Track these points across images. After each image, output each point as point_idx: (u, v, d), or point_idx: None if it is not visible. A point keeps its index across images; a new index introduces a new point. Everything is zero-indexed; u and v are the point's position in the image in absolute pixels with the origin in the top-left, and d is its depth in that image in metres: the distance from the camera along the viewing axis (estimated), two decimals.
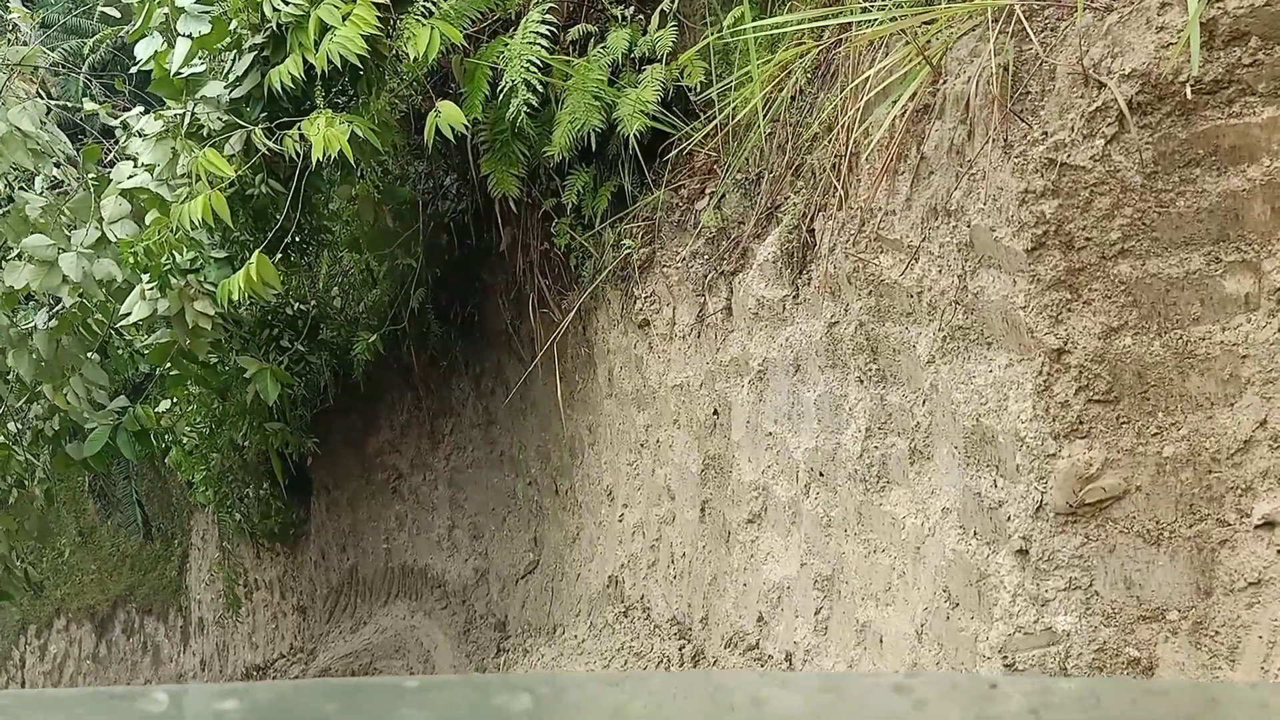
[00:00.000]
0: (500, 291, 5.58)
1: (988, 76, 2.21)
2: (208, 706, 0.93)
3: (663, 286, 4.01)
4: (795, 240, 3.07)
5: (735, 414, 3.43)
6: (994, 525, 2.16)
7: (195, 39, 4.20)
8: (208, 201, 4.10)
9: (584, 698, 0.95)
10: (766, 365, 3.22)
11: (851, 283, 2.60)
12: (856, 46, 2.75)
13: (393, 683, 1.18)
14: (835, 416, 2.78)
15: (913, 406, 2.46)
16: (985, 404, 2.17)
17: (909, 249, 2.39)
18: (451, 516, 6.68)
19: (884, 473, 2.58)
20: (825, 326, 2.78)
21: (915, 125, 2.50)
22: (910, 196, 2.41)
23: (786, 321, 3.12)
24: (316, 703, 0.94)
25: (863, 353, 2.62)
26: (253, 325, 5.08)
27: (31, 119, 4.43)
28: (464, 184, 5.56)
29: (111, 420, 4.80)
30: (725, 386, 3.51)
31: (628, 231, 4.24)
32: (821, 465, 2.86)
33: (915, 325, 2.41)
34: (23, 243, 4.37)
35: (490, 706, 0.89)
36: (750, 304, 3.29)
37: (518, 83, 3.92)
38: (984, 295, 2.16)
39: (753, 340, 3.30)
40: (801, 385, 3.02)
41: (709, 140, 4.03)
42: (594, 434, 4.93)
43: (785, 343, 3.10)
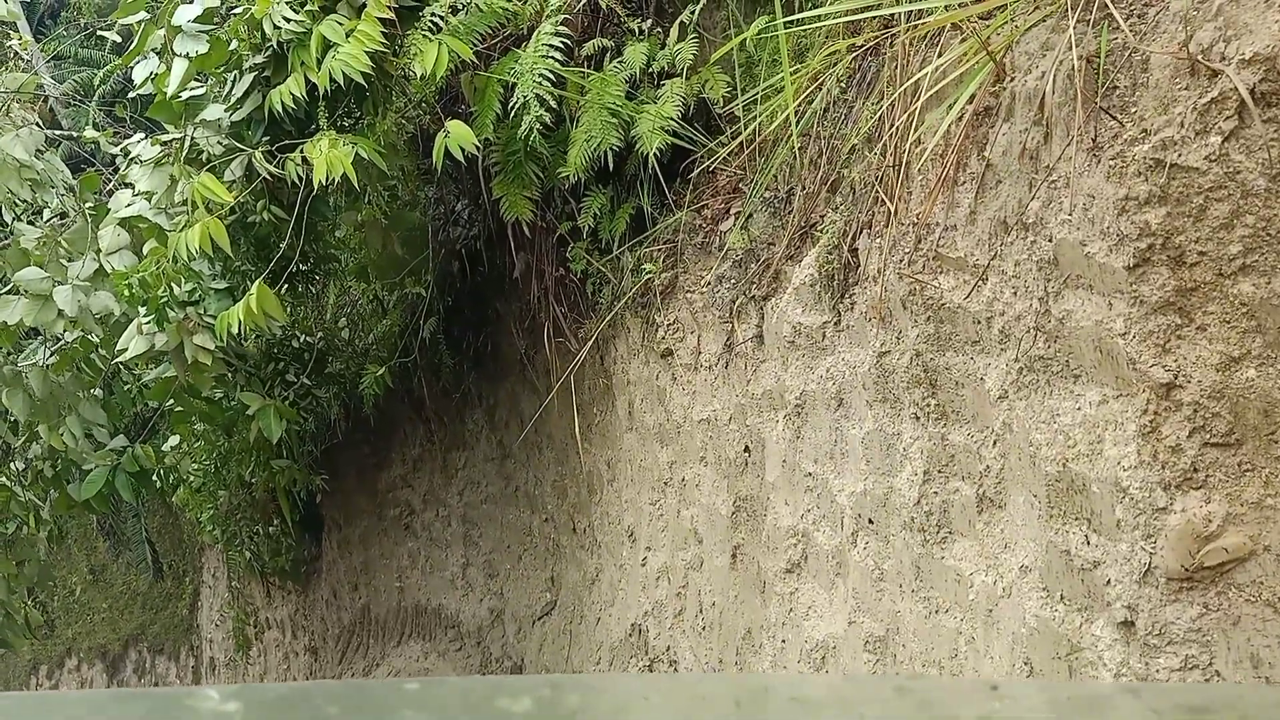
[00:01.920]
0: (514, 320, 5.28)
1: (1066, 71, 1.90)
2: (211, 708, 0.91)
3: (686, 313, 3.70)
4: (835, 261, 2.75)
5: (769, 452, 3.10)
6: (1088, 590, 1.82)
7: (193, 59, 3.94)
8: (206, 230, 3.83)
9: (583, 699, 0.92)
10: (805, 399, 2.89)
11: (906, 307, 2.28)
12: (905, 45, 2.44)
13: (393, 684, 1.16)
14: (887, 457, 2.45)
15: (980, 448, 2.12)
16: (1073, 447, 1.84)
17: (975, 268, 2.07)
18: (466, 554, 6.36)
19: (945, 522, 2.25)
20: (874, 356, 2.46)
21: (975, 130, 2.18)
22: (974, 209, 2.09)
23: (827, 351, 2.79)
24: (319, 704, 0.93)
25: (919, 386, 2.29)
26: (257, 359, 4.80)
27: (26, 147, 4.17)
28: (475, 208, 5.28)
29: (110, 461, 4.50)
30: (757, 421, 3.18)
31: (648, 255, 3.93)
32: (871, 511, 2.52)
33: (983, 355, 2.08)
34: (16, 276, 4.10)
35: (491, 708, 0.87)
36: (785, 331, 2.97)
37: (530, 99, 3.63)
38: (1071, 320, 1.83)
39: (788, 371, 2.97)
40: (845, 421, 2.69)
41: (733, 157, 3.74)
42: (613, 470, 4.60)
43: (826, 374, 2.77)
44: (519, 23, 4.12)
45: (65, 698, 1.33)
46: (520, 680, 1.19)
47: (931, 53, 2.40)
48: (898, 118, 2.43)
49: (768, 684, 1.25)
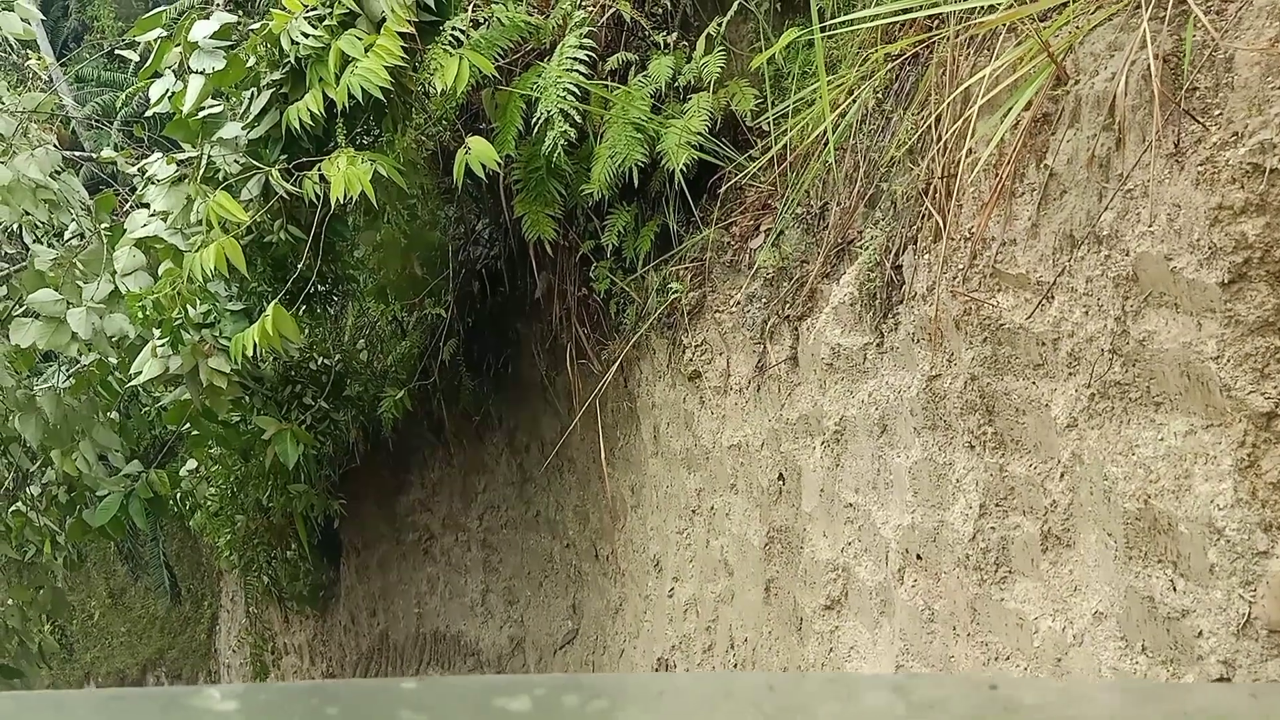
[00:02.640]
0: (535, 341, 5.13)
1: (1140, 71, 1.73)
2: (211, 707, 0.90)
3: (715, 334, 3.53)
4: (877, 279, 2.58)
5: (806, 480, 2.92)
6: (1175, 641, 1.63)
7: (210, 77, 3.82)
8: (221, 250, 3.70)
9: (580, 698, 0.91)
10: (844, 425, 2.72)
11: (960, 328, 2.11)
12: (954, 51, 2.28)
13: (391, 684, 1.13)
14: (937, 489, 2.27)
15: (1045, 480, 1.94)
16: (1156, 482, 1.65)
17: (1038, 285, 1.89)
18: (485, 580, 6.18)
19: (1005, 560, 2.06)
20: (923, 380, 2.28)
21: (1033, 138, 2.02)
22: (1036, 222, 1.91)
23: (869, 374, 2.62)
24: (317, 704, 0.92)
25: (974, 412, 2.11)
26: (274, 382, 4.66)
27: (41, 167, 4.07)
28: (496, 228, 5.14)
29: (123, 487, 4.37)
30: (793, 448, 3.00)
31: (674, 274, 3.77)
32: (919, 546, 2.34)
33: (1049, 380, 1.90)
34: (29, 298, 3.98)
35: (489, 707, 0.87)
36: (823, 353, 2.80)
37: (554, 113, 3.49)
38: (1153, 342, 1.65)
39: (826, 395, 2.80)
40: (890, 449, 2.51)
41: (763, 172, 3.58)
42: (637, 496, 4.43)
43: (868, 398, 2.60)
44: (541, 37, 3.99)
45: (65, 697, 1.31)
46: (518, 679, 1.17)
47: (982, 58, 2.23)
48: (946, 127, 2.26)
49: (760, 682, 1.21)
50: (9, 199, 3.95)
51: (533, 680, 1.10)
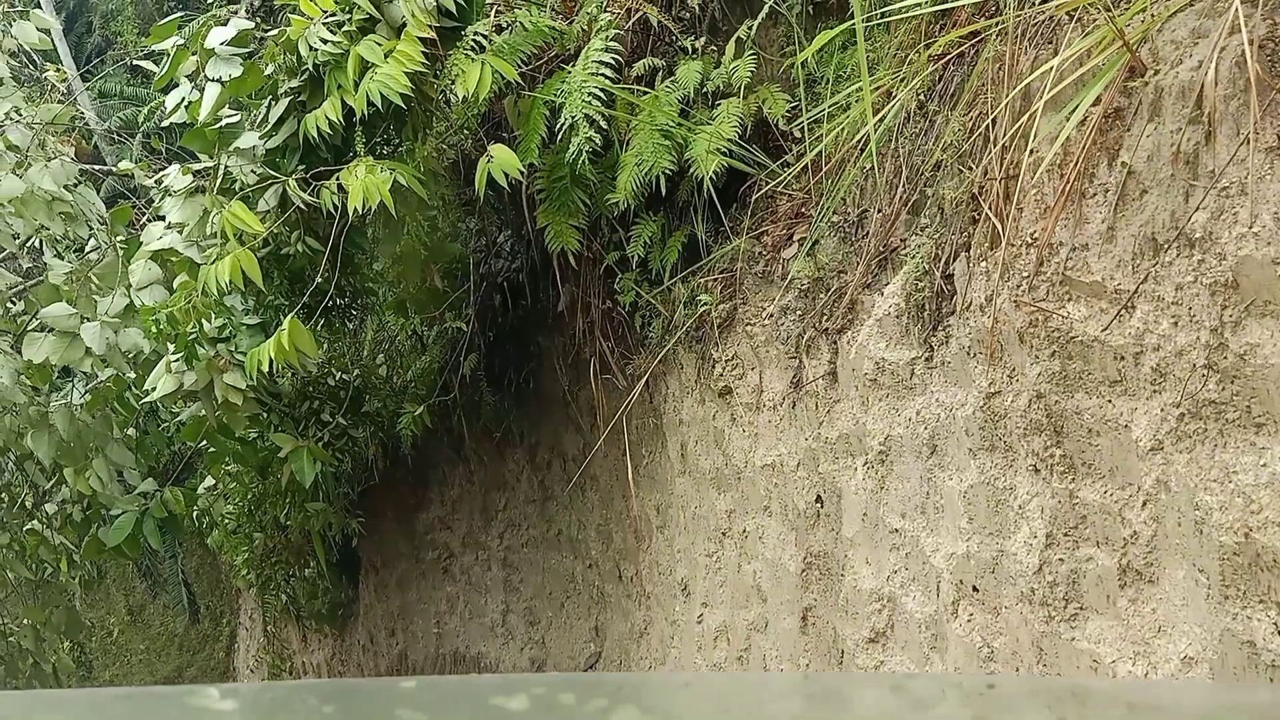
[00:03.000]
0: (557, 356, 4.97)
1: (1233, 58, 1.55)
2: (209, 706, 0.88)
3: (747, 348, 3.36)
4: (926, 289, 2.40)
5: (847, 503, 2.73)
6: None
7: (227, 84, 3.70)
8: (236, 262, 3.57)
9: (578, 696, 0.89)
10: (889, 444, 2.53)
11: (1024, 341, 1.92)
12: (1013, 46, 2.11)
13: (389, 683, 1.10)
14: (996, 515, 2.08)
15: (1123, 509, 1.75)
16: (1258, 512, 1.46)
17: (1116, 294, 1.71)
18: (506, 600, 6.01)
19: (1075, 595, 1.87)
20: (979, 397, 2.10)
21: (1103, 135, 1.84)
22: (1112, 225, 1.73)
23: (916, 390, 2.44)
24: (315, 704, 0.90)
25: (1040, 433, 1.93)
26: (291, 398, 4.52)
27: (56, 179, 3.95)
28: (518, 240, 5.00)
29: (137, 506, 4.23)
30: (832, 469, 2.82)
31: (703, 286, 3.60)
32: (975, 577, 2.15)
33: (1128, 398, 1.72)
34: (43, 312, 3.86)
35: (486, 706, 0.85)
36: (865, 368, 2.62)
37: (579, 119, 3.33)
38: (1256, 357, 1.47)
39: (869, 413, 2.62)
40: (940, 472, 2.33)
41: (796, 180, 3.41)
42: (663, 516, 4.25)
43: (916, 417, 2.42)
44: (565, 42, 3.84)
45: (65, 696, 1.30)
46: (515, 678, 1.09)
47: (1044, 51, 2.06)
48: (1004, 126, 2.09)
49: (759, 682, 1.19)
50: (22, 210, 3.84)
51: (530, 679, 1.06)
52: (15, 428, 3.94)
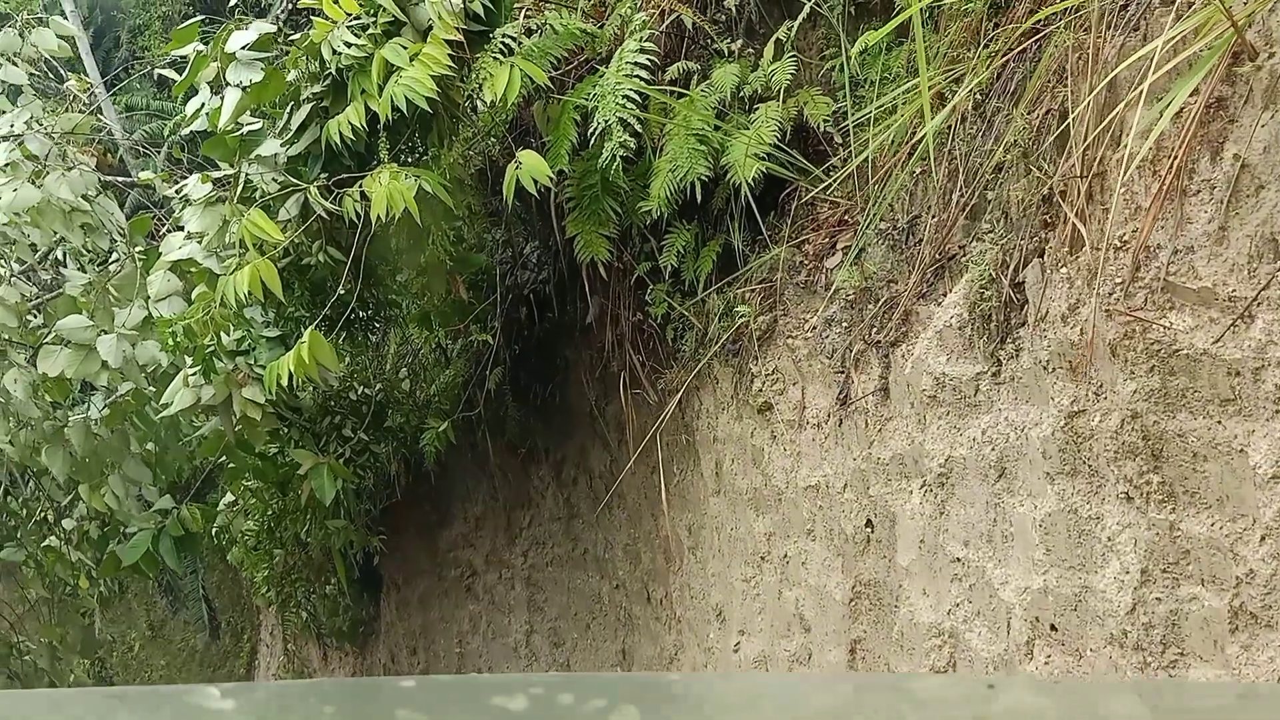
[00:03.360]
0: (585, 370, 4.79)
1: None
2: (209, 706, 0.87)
3: (788, 362, 3.16)
4: (992, 298, 2.20)
5: (901, 529, 2.53)
6: None
7: (248, 90, 3.55)
8: (256, 272, 3.41)
9: (577, 697, 0.88)
10: (950, 466, 2.33)
11: (1117, 354, 1.72)
12: (1096, 35, 1.91)
13: (390, 682, 1.13)
14: (1079, 547, 1.87)
15: (1236, 544, 1.54)
16: None
17: (1230, 302, 1.51)
18: (530, 620, 5.81)
19: (1175, 639, 1.66)
20: (1059, 416, 1.89)
21: (1204, 127, 1.64)
22: (1223, 224, 1.53)
23: (981, 408, 2.23)
24: (315, 703, 0.90)
25: (1134, 457, 1.72)
26: (312, 413, 4.35)
27: (74, 188, 3.81)
28: (545, 251, 4.82)
29: (154, 524, 4.07)
30: (884, 492, 2.61)
31: (740, 297, 3.41)
32: (1054, 615, 1.94)
33: (1244, 419, 1.51)
34: (58, 324, 3.71)
35: (486, 706, 0.84)
36: (924, 384, 2.41)
37: (613, 123, 3.16)
38: None
39: (927, 432, 2.41)
40: (1010, 497, 2.12)
41: (838, 186, 3.22)
42: (695, 537, 4.05)
43: (981, 437, 2.21)
44: (596, 46, 3.68)
45: (63, 696, 1.30)
46: (515, 678, 1.10)
47: (1132, 39, 1.87)
48: (1088, 121, 1.89)
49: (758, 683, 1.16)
50: (39, 220, 3.70)
51: (530, 679, 1.05)
52: (30, 443, 3.80)
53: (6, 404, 3.62)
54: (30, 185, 3.63)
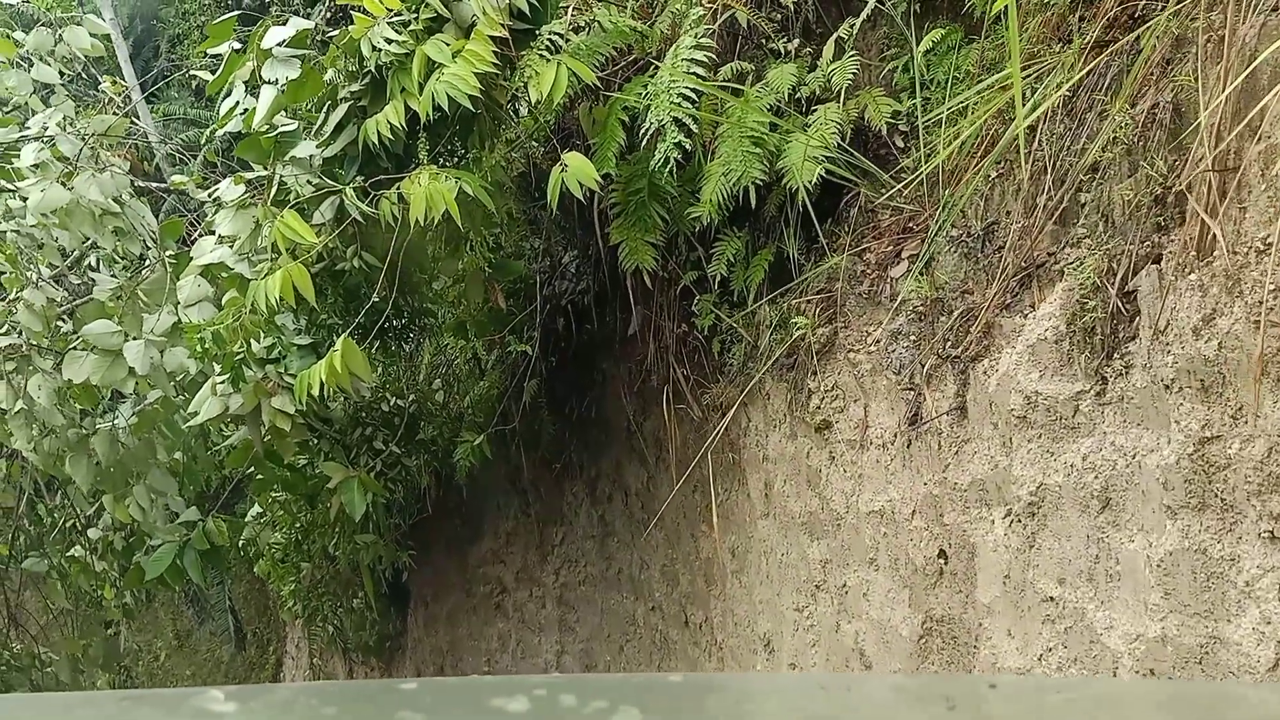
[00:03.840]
0: (623, 383, 4.57)
1: None
2: (211, 709, 0.86)
3: (849, 377, 2.92)
4: (1097, 309, 1.96)
5: (982, 562, 2.28)
6: None
7: (285, 88, 3.38)
8: (288, 277, 3.22)
9: (578, 698, 0.87)
10: (1043, 495, 2.08)
11: (1268, 373, 1.47)
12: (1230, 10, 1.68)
13: (390, 684, 1.06)
14: (1207, 591, 1.62)
15: None
16: None
17: None
18: (561, 640, 5.58)
19: None
20: (1186, 443, 1.65)
21: None
22: None
23: (1081, 431, 1.99)
24: (316, 705, 0.90)
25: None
26: (343, 424, 4.16)
27: (104, 190, 3.65)
28: (584, 260, 4.62)
29: (179, 537, 3.88)
30: (961, 520, 2.37)
31: (795, 308, 3.18)
32: (1173, 667, 1.68)
33: None
34: (84, 329, 3.54)
35: (486, 708, 0.84)
36: (1010, 403, 2.17)
37: (666, 123, 2.95)
38: None
39: (1014, 456, 2.17)
40: (1116, 531, 1.87)
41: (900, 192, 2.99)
42: (740, 560, 3.81)
43: (1081, 463, 1.96)
44: (646, 46, 3.48)
45: (69, 699, 1.28)
46: (515, 680, 0.95)
47: (1272, 20, 1.63)
48: (1220, 111, 1.65)
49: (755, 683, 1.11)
50: (67, 222, 3.54)
51: (530, 681, 0.95)
52: (54, 451, 3.63)
53: (30, 410, 3.45)
54: (59, 186, 3.47)
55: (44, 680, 4.42)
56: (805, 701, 0.89)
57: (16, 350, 3.38)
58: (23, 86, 3.80)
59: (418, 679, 1.98)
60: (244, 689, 1.12)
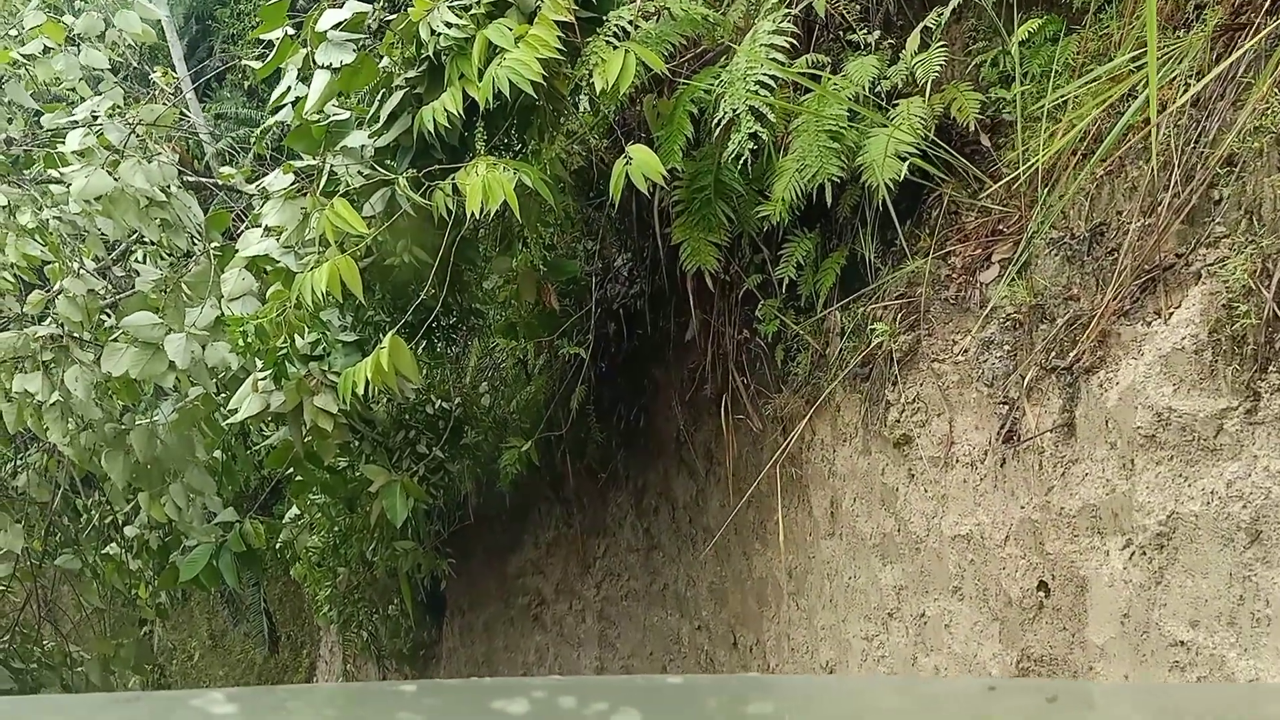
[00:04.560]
0: (674, 391, 4.35)
1: None
2: (211, 710, 0.86)
3: (933, 389, 2.68)
4: (1249, 315, 1.71)
5: (1095, 598, 2.02)
6: None
7: (339, 74, 3.21)
8: (335, 270, 3.04)
9: (579, 700, 0.86)
10: (1174, 525, 1.82)
11: None
12: None
13: (390, 686, 1.11)
14: None
15: None
16: None
17: None
18: (600, 655, 5.35)
19: None
20: None
21: None
22: None
23: (1224, 453, 1.73)
24: (315, 708, 0.90)
25: None
26: (386, 426, 3.97)
27: (149, 178, 3.50)
28: (639, 263, 4.41)
29: (214, 538, 3.71)
30: (1069, 550, 2.11)
31: (871, 314, 2.94)
32: None
33: None
34: (124, 320, 3.39)
35: (487, 710, 0.83)
36: (1136, 420, 1.92)
37: (742, 111, 2.73)
38: None
39: (1138, 480, 1.91)
40: (1268, 569, 1.61)
41: (991, 191, 2.75)
42: (799, 582, 3.56)
43: (1226, 490, 1.70)
44: (716, 36, 3.27)
45: (66, 701, 1.22)
46: (515, 682, 0.93)
47: None
48: None
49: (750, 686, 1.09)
50: (111, 210, 3.39)
51: (530, 683, 0.89)
52: (91, 446, 3.47)
53: (67, 403, 3.30)
54: (103, 173, 3.33)
55: (74, 680, 4.27)
56: (805, 701, 0.87)
57: (55, 341, 3.23)
58: (70, 71, 3.67)
59: (418, 680, 1.89)
60: (246, 691, 1.08)
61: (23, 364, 3.21)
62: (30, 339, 3.19)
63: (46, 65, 3.62)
